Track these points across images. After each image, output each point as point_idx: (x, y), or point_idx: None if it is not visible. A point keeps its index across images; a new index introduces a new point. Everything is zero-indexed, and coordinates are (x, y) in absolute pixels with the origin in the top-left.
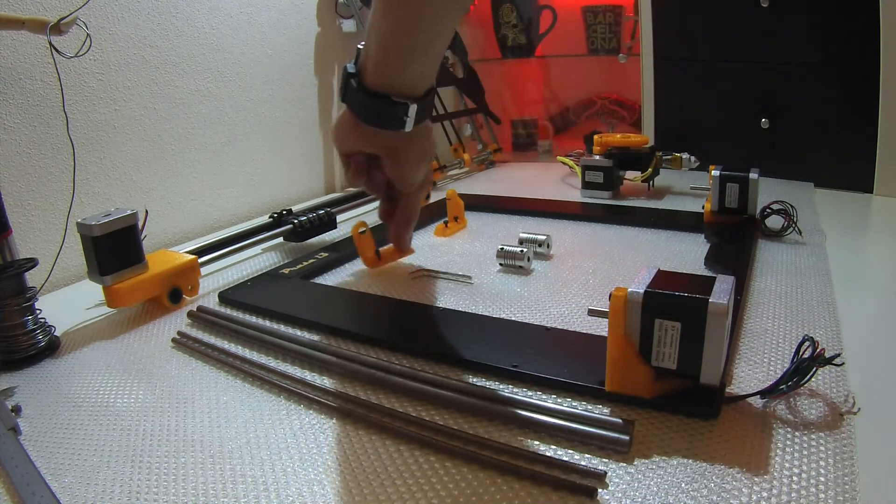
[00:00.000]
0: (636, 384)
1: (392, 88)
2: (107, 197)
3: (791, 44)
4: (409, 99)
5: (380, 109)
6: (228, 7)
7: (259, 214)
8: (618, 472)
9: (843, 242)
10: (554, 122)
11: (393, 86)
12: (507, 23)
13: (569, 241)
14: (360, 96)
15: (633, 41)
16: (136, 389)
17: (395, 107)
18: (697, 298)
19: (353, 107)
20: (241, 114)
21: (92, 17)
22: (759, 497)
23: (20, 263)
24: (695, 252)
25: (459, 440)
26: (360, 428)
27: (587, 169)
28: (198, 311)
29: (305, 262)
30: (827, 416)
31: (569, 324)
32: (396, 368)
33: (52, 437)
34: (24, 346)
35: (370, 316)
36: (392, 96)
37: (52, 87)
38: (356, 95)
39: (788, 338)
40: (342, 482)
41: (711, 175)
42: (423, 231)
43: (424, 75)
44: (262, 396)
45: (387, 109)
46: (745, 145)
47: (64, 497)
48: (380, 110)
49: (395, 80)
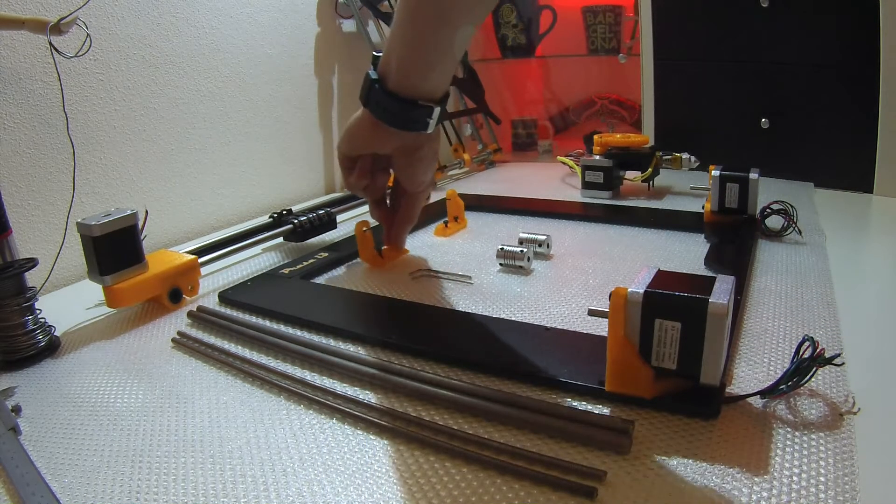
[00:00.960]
0: (636, 384)
1: (416, 92)
2: (107, 197)
3: (791, 44)
4: (431, 102)
5: (407, 113)
6: (228, 7)
7: (259, 214)
8: (618, 473)
9: (843, 242)
10: (554, 122)
11: (416, 90)
12: (507, 23)
13: (569, 241)
14: (385, 100)
15: (633, 41)
16: (136, 389)
17: (421, 110)
18: (697, 298)
19: (377, 110)
20: (241, 114)
21: (92, 17)
22: (759, 497)
23: (20, 263)
24: (695, 252)
25: (459, 440)
26: (360, 428)
27: (587, 169)
28: (198, 311)
29: (305, 262)
30: (827, 416)
31: (569, 324)
32: (396, 368)
33: (52, 437)
34: (24, 346)
35: (370, 316)
36: (418, 100)
37: (52, 87)
38: (382, 99)
39: (788, 338)
40: (342, 482)
41: (711, 175)
42: (423, 231)
43: (445, 79)
44: (262, 396)
45: (413, 113)
46: (745, 145)
47: (64, 497)
48: (407, 114)
49: (419, 84)
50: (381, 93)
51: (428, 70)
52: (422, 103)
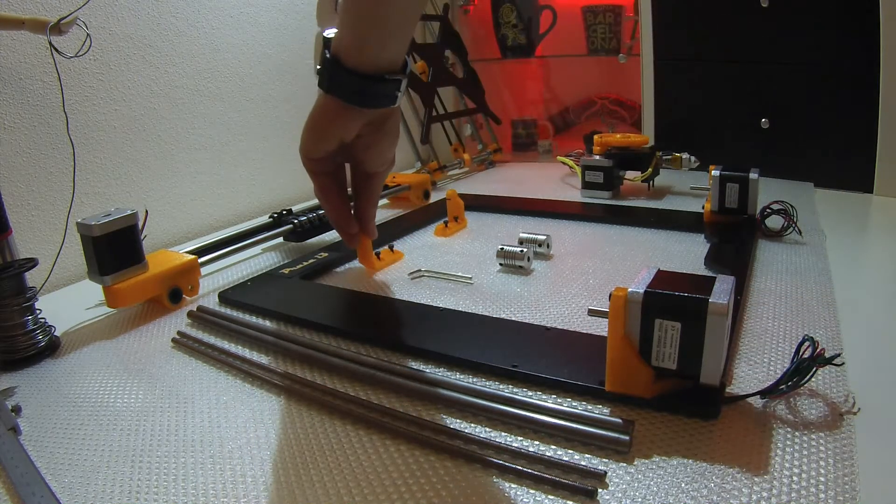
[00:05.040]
0: (636, 384)
1: (376, 65)
2: (107, 197)
3: (791, 44)
4: (394, 73)
5: (374, 89)
6: (228, 7)
7: (259, 214)
8: (618, 472)
9: (843, 242)
10: (554, 122)
11: (376, 62)
12: (507, 23)
13: (569, 241)
14: (349, 79)
15: (633, 41)
16: (136, 389)
17: (388, 84)
18: (697, 298)
19: (344, 92)
20: (240, 114)
21: (92, 17)
22: (759, 497)
23: (20, 263)
24: (695, 252)
25: (459, 440)
26: (361, 428)
27: (587, 169)
28: (198, 311)
29: (305, 262)
30: (827, 416)
31: (569, 324)
32: (396, 368)
33: (52, 437)
34: (24, 346)
35: (370, 316)
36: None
37: (52, 87)
38: (346, 79)
39: (788, 338)
40: (343, 482)
41: (711, 175)
42: (423, 231)
43: (402, 47)
44: (262, 396)
45: (380, 88)
46: (745, 145)
47: (64, 497)
48: (374, 90)
49: (379, 56)
50: (344, 73)
51: (386, 39)
52: (388, 77)
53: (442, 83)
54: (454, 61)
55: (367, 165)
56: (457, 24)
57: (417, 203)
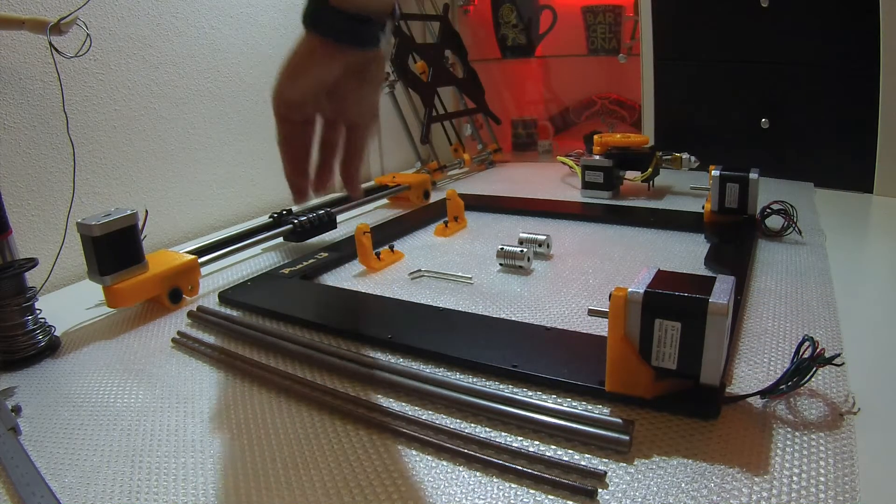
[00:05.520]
0: (636, 384)
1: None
2: (107, 197)
3: (791, 44)
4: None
5: (358, 29)
6: (228, 7)
7: (259, 214)
8: (618, 472)
9: (843, 242)
10: (554, 122)
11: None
12: (507, 23)
13: (569, 241)
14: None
15: (633, 41)
16: (136, 389)
17: (373, 25)
18: (697, 298)
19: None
20: (241, 114)
21: (92, 17)
22: (759, 497)
23: (20, 263)
24: (695, 252)
25: (459, 440)
26: (361, 428)
27: (587, 169)
28: (198, 311)
29: (305, 262)
30: (827, 416)
31: (569, 324)
32: (396, 368)
33: (52, 437)
34: (24, 346)
35: (370, 316)
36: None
37: (52, 87)
38: (329, 16)
39: (788, 338)
40: (343, 482)
41: (711, 175)
42: (423, 231)
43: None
44: (262, 396)
45: (364, 28)
46: (745, 145)
47: (64, 497)
48: (358, 29)
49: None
50: (329, 10)
51: None
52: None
53: (442, 83)
54: (454, 61)
55: (348, 115)
56: (457, 24)
57: (417, 203)
